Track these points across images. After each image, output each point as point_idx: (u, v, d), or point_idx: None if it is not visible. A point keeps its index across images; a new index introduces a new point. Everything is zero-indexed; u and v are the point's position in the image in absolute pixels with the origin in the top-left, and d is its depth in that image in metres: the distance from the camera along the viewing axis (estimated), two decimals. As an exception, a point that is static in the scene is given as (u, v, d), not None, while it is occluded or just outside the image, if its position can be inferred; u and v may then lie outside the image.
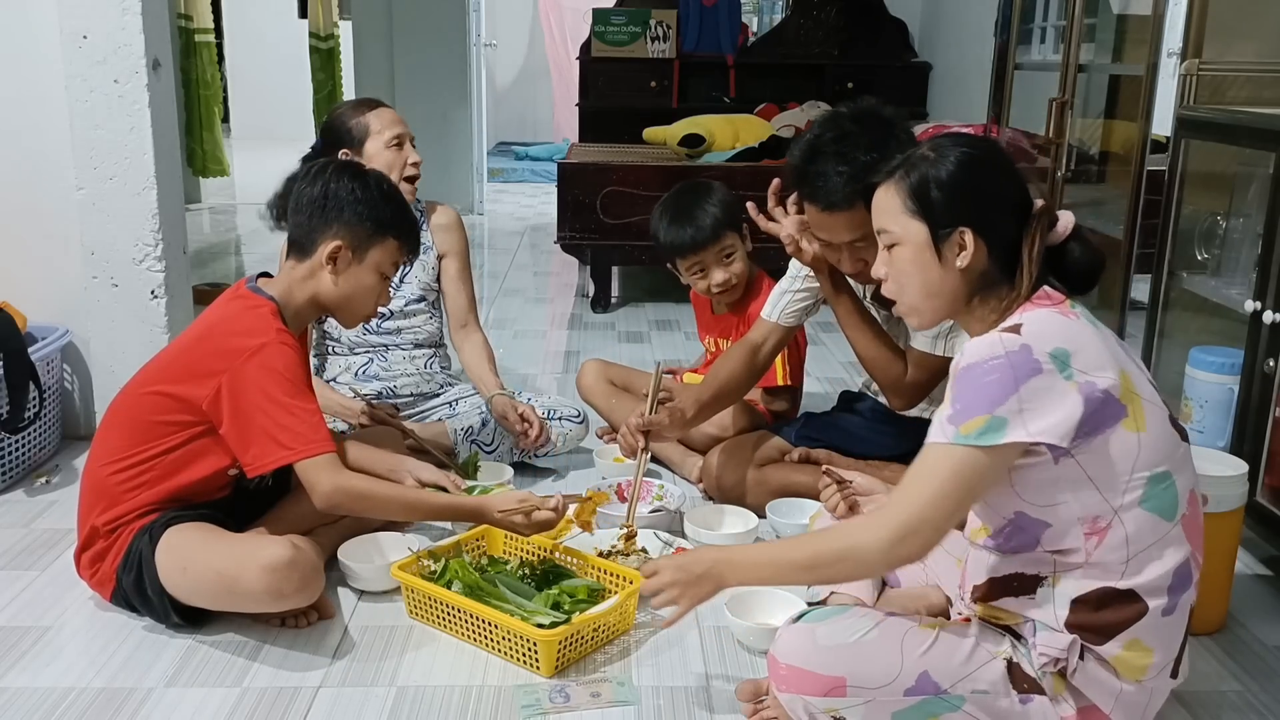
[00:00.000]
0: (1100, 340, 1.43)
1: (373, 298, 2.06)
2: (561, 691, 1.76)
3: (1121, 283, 3.19)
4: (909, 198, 1.51)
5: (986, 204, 1.48)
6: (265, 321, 1.92)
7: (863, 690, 1.44)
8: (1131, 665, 1.45)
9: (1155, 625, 1.44)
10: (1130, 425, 1.40)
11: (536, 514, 2.07)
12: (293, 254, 2.02)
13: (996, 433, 1.36)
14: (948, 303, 1.52)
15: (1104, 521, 1.42)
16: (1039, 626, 1.48)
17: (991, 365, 1.38)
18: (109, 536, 1.93)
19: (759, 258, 2.84)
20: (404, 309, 2.73)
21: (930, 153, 1.51)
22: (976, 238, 1.47)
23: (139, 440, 1.92)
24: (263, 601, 1.85)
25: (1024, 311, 1.44)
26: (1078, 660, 1.46)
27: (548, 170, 8.38)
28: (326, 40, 7.48)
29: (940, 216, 1.48)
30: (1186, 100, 2.70)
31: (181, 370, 1.93)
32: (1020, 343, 1.38)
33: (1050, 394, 1.37)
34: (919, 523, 1.40)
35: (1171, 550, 1.44)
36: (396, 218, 2.05)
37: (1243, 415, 2.22)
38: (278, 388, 1.86)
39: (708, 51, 6.71)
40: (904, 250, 1.52)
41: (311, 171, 2.05)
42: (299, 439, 1.86)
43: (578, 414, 2.78)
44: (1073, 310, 1.45)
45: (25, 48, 2.66)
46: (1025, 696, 1.46)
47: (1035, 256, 1.46)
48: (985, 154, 1.52)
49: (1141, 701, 1.48)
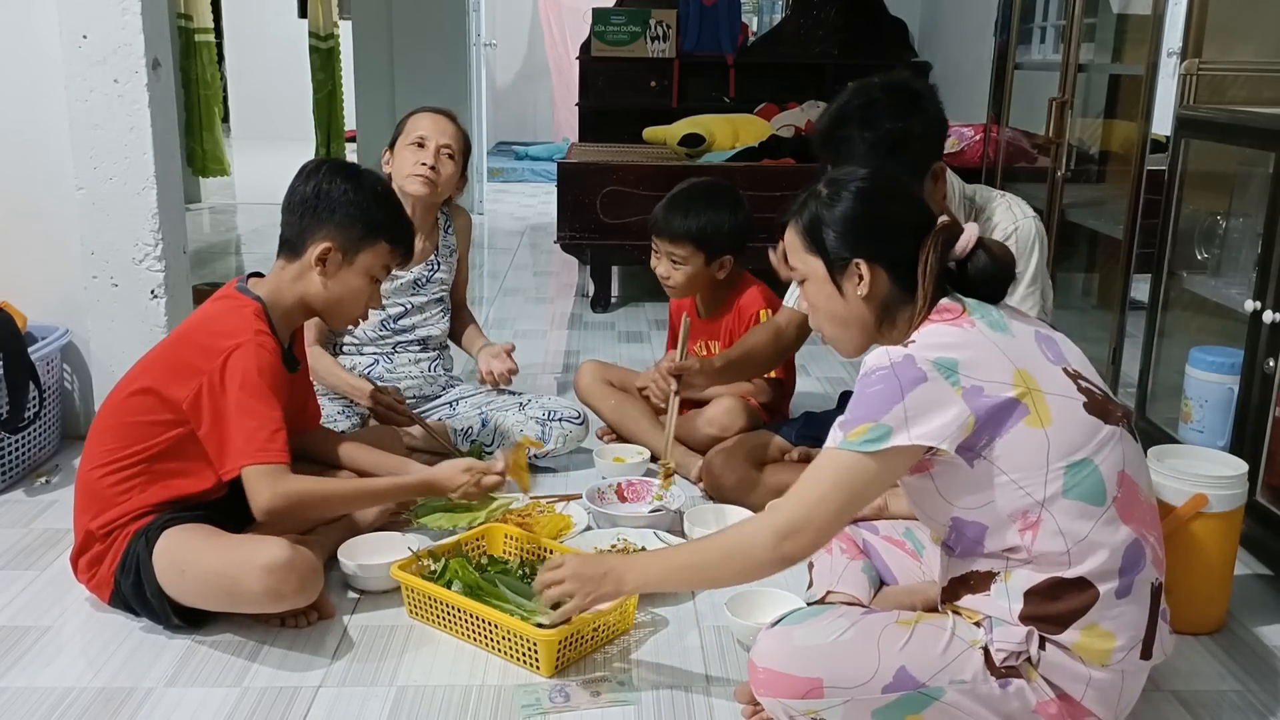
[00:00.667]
0: (994, 345, 1.47)
1: (362, 300, 2.04)
2: (561, 691, 1.76)
3: (1121, 283, 3.20)
4: (804, 235, 1.59)
5: (879, 233, 1.56)
6: (245, 322, 1.91)
7: (840, 690, 1.45)
8: (1093, 650, 1.46)
9: (1111, 608, 1.45)
10: (1033, 421, 1.44)
11: (485, 479, 2.08)
12: (283, 253, 2.01)
13: (881, 440, 1.43)
14: (859, 330, 1.60)
15: (1033, 516, 1.45)
16: (995, 622, 1.50)
17: (878, 375, 1.45)
18: (105, 540, 1.92)
19: (758, 256, 2.84)
20: (420, 305, 2.78)
21: (823, 189, 1.60)
22: (872, 266, 1.54)
23: (127, 442, 1.91)
24: (261, 602, 1.84)
25: (921, 328, 1.51)
26: (1038, 650, 1.47)
27: (548, 170, 8.38)
28: (326, 40, 7.47)
29: (833, 251, 1.57)
30: (1186, 100, 2.70)
31: (164, 370, 1.92)
32: (904, 353, 1.45)
33: (935, 401, 1.43)
34: (804, 522, 1.49)
35: (1111, 533, 1.45)
36: (389, 221, 2.03)
37: (1242, 415, 2.22)
38: (243, 390, 1.85)
39: (707, 51, 6.72)
40: (811, 285, 1.62)
41: (306, 170, 2.04)
42: (250, 444, 1.84)
43: (578, 415, 2.78)
44: (970, 319, 1.50)
45: (25, 48, 2.66)
46: (1004, 681, 1.47)
47: (929, 275, 1.52)
48: (877, 184, 1.59)
49: (1115, 684, 1.49)
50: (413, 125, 2.71)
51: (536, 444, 2.24)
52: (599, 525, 2.34)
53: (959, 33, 6.07)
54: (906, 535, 1.91)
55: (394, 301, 2.75)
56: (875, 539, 1.92)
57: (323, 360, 2.63)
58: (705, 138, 5.02)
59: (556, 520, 2.31)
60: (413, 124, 2.72)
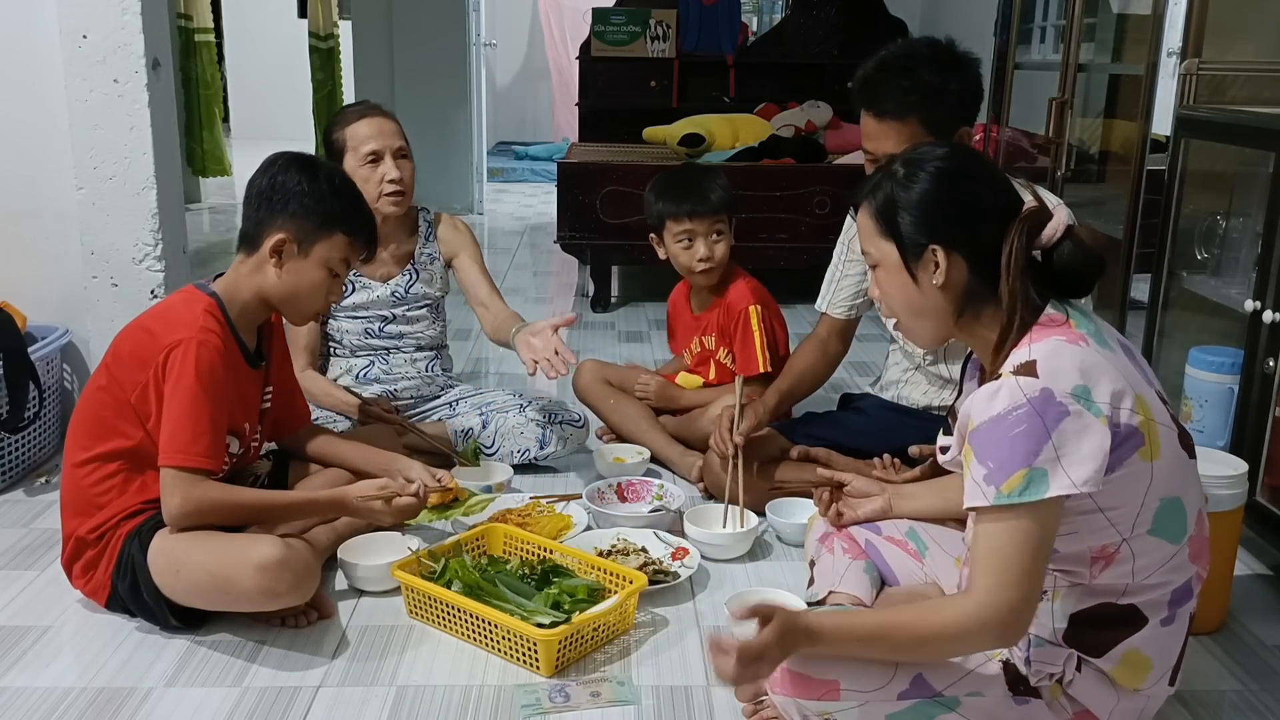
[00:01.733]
0: (1113, 365, 1.37)
1: (320, 293, 2.01)
2: (561, 691, 1.76)
3: (1121, 282, 3.19)
4: (878, 219, 1.49)
5: (958, 218, 1.44)
6: (192, 318, 1.89)
7: (856, 693, 1.43)
8: (1130, 676, 1.45)
9: (1155, 636, 1.44)
10: (1146, 455, 1.37)
11: (397, 501, 2.00)
12: (241, 247, 2.00)
13: (1039, 486, 1.30)
14: (937, 321, 1.49)
15: (1112, 549, 1.41)
16: (1034, 641, 1.48)
17: (1017, 416, 1.31)
18: (97, 545, 1.92)
19: (757, 256, 2.84)
20: (407, 314, 2.74)
21: (900, 168, 1.48)
22: (949, 254, 1.43)
23: (98, 437, 1.91)
24: (256, 601, 1.84)
25: (1031, 342, 1.38)
26: (1074, 672, 1.46)
27: (548, 170, 8.37)
28: (326, 40, 7.47)
29: (908, 236, 1.45)
30: (1186, 100, 2.70)
31: (117, 363, 1.92)
32: (1040, 386, 1.32)
33: (1083, 435, 1.31)
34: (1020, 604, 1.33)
35: (1177, 570, 1.44)
36: (346, 212, 1.99)
37: (1242, 415, 2.22)
38: (179, 387, 1.83)
39: (707, 51, 6.71)
40: (883, 271, 1.51)
41: (264, 163, 2.02)
42: (172, 443, 1.83)
43: (578, 417, 2.78)
44: (1079, 332, 1.39)
45: (25, 48, 2.66)
46: (1022, 699, 1.46)
47: (1014, 266, 1.39)
48: (957, 165, 1.46)
49: (1137, 709, 1.48)
50: (354, 137, 2.54)
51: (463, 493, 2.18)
52: (599, 525, 2.34)
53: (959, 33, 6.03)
54: (909, 536, 1.90)
55: (374, 314, 2.71)
56: (878, 539, 1.91)
57: (317, 384, 2.62)
58: (705, 138, 5.02)
59: (556, 520, 2.31)
60: (353, 136, 2.54)
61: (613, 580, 1.98)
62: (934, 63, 2.07)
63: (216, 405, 1.87)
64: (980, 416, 1.35)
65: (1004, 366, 1.39)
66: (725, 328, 2.76)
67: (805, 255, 4.33)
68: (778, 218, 4.40)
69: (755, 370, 2.67)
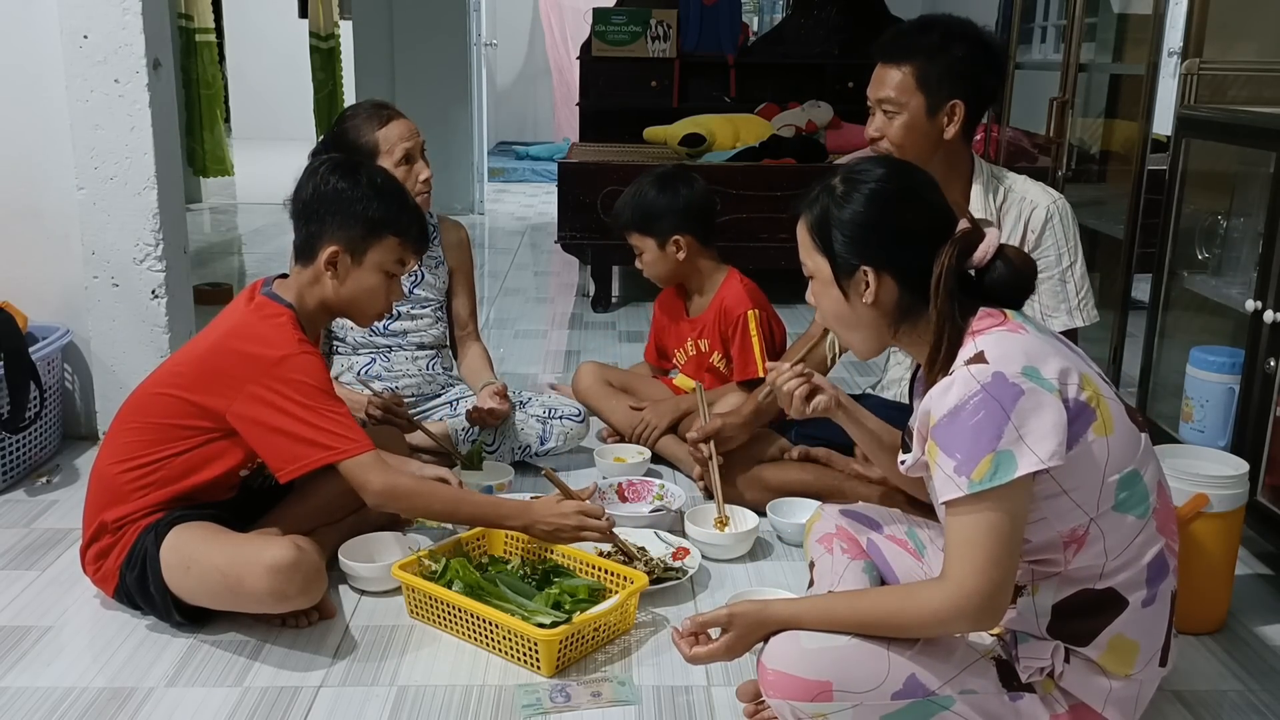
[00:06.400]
0: (1054, 348, 1.42)
1: (381, 296, 2.02)
2: (562, 691, 1.76)
3: (1122, 282, 3.20)
4: (812, 234, 1.53)
5: (890, 242, 1.47)
6: (285, 332, 1.91)
7: (850, 694, 1.43)
8: (1118, 662, 1.46)
9: (1137, 618, 1.45)
10: (1099, 429, 1.40)
11: (585, 523, 1.99)
12: (298, 259, 2.01)
13: (1008, 468, 1.34)
14: (870, 333, 1.54)
15: (1081, 530, 1.42)
16: (1021, 637, 1.48)
17: (974, 404, 1.36)
18: (116, 533, 1.92)
19: (758, 256, 2.84)
20: (411, 312, 2.75)
21: (839, 184, 1.51)
22: (880, 275, 1.47)
23: (154, 442, 1.92)
24: (265, 602, 1.85)
25: (975, 338, 1.42)
26: (1063, 664, 1.46)
27: (548, 170, 8.38)
28: (327, 40, 7.48)
29: (840, 254, 1.49)
30: (1187, 99, 2.70)
31: (200, 376, 1.91)
32: (990, 370, 1.36)
33: (1040, 411, 1.35)
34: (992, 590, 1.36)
35: (1147, 545, 1.45)
36: (392, 214, 1.99)
37: (1243, 415, 2.22)
38: (308, 396, 1.86)
39: (708, 51, 6.71)
40: (817, 284, 1.56)
41: (307, 170, 2.02)
42: (340, 439, 1.86)
43: (578, 413, 2.78)
44: (1017, 323, 1.44)
45: (25, 48, 2.66)
46: (1016, 694, 1.46)
47: (943, 287, 1.43)
48: (894, 186, 1.49)
49: (1132, 694, 1.49)
50: (388, 140, 2.54)
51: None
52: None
53: (959, 32, 6.05)
54: (909, 535, 1.90)
55: None
56: (878, 538, 1.91)
57: None
58: (706, 138, 5.02)
59: (557, 520, 2.30)
60: (386, 139, 2.54)
61: (613, 580, 1.98)
62: (949, 27, 2.15)
63: (338, 400, 1.92)
64: (939, 411, 1.39)
65: (954, 366, 1.42)
66: (722, 332, 2.76)
67: (806, 255, 4.32)
68: (778, 218, 4.40)
69: (754, 375, 2.67)
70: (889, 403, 2.50)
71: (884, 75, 2.17)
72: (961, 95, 2.14)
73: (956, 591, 1.37)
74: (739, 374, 2.72)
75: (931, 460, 1.40)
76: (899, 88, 2.14)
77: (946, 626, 1.41)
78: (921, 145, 2.15)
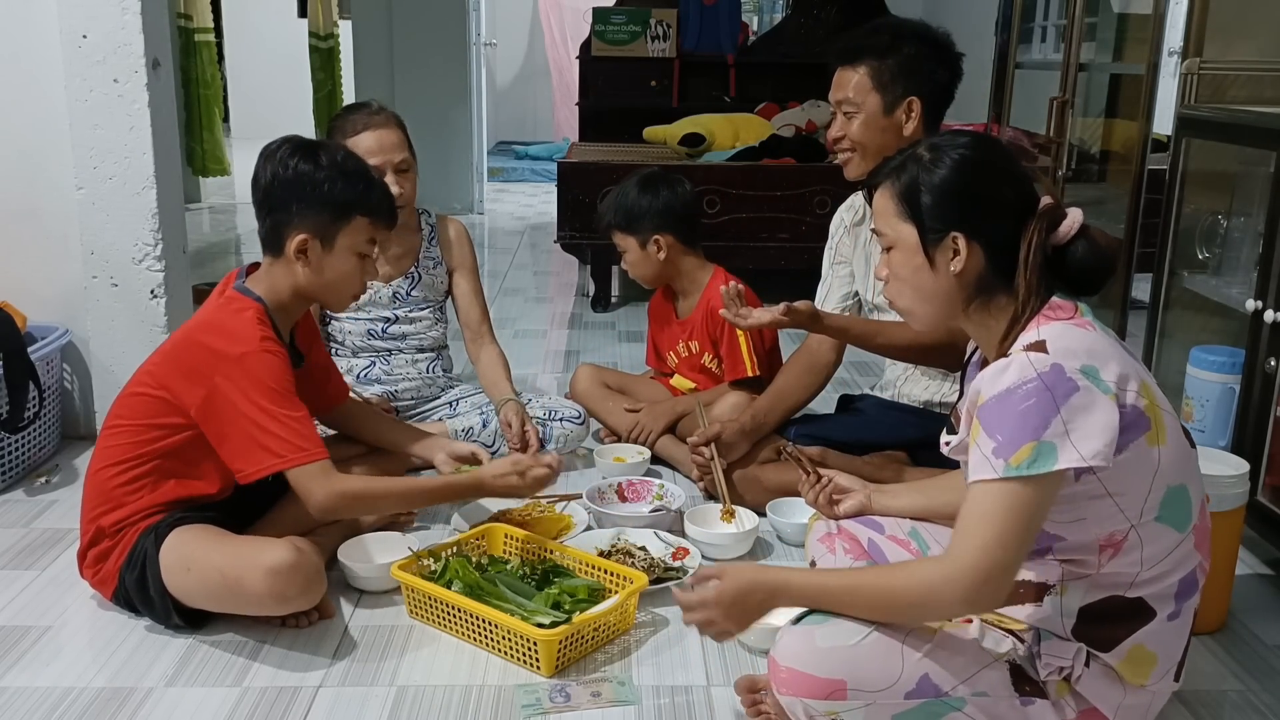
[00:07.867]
0: (1118, 352, 1.39)
1: (356, 278, 2.01)
2: (562, 691, 1.76)
3: (1122, 282, 3.20)
4: (900, 200, 1.49)
5: (981, 208, 1.45)
6: (249, 328, 1.89)
7: (863, 693, 1.42)
8: (1136, 671, 1.45)
9: (1160, 631, 1.45)
10: (1153, 439, 1.38)
11: (532, 472, 2.05)
12: (266, 250, 1.98)
13: (1048, 459, 1.31)
14: (943, 307, 1.50)
15: (1119, 536, 1.41)
16: (1044, 635, 1.48)
17: (1027, 390, 1.33)
18: (115, 536, 1.92)
19: (758, 256, 2.84)
20: (410, 315, 2.74)
21: (925, 153, 1.48)
22: (970, 243, 1.44)
23: (135, 441, 1.91)
24: (265, 604, 1.84)
25: (1040, 325, 1.40)
26: (1083, 668, 1.46)
27: (548, 169, 8.37)
28: (326, 40, 7.47)
29: (930, 221, 1.46)
30: (1187, 99, 2.70)
31: (169, 371, 1.91)
32: (1050, 361, 1.34)
33: (1092, 410, 1.33)
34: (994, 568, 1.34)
35: (1183, 560, 1.44)
36: (358, 194, 1.95)
37: (1243, 414, 2.22)
38: (264, 397, 1.84)
39: (708, 51, 6.70)
40: (898, 254, 1.51)
41: (263, 155, 1.96)
42: (288, 446, 1.84)
43: (578, 415, 2.78)
44: (1086, 320, 1.42)
45: (25, 48, 2.66)
46: (1027, 699, 1.46)
47: (1031, 261, 1.41)
48: (983, 155, 1.47)
49: (1143, 705, 1.48)
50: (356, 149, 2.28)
51: None
52: (599, 525, 2.33)
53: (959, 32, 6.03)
54: (912, 535, 1.90)
55: (377, 315, 2.72)
56: (880, 539, 1.90)
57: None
58: (705, 137, 5.01)
59: (556, 520, 2.31)
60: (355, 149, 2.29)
61: (613, 580, 1.98)
62: (898, 27, 2.26)
63: (297, 403, 1.89)
64: (989, 391, 1.37)
65: (1012, 348, 1.40)
66: (710, 333, 2.76)
67: (806, 255, 4.31)
68: (778, 217, 4.40)
69: (744, 374, 2.67)
70: (886, 403, 2.50)
71: (840, 78, 2.26)
72: (916, 91, 2.20)
73: (952, 565, 1.36)
74: (729, 374, 2.72)
75: (972, 439, 1.38)
76: (855, 88, 2.23)
77: (935, 598, 1.37)
78: (882, 142, 2.21)
